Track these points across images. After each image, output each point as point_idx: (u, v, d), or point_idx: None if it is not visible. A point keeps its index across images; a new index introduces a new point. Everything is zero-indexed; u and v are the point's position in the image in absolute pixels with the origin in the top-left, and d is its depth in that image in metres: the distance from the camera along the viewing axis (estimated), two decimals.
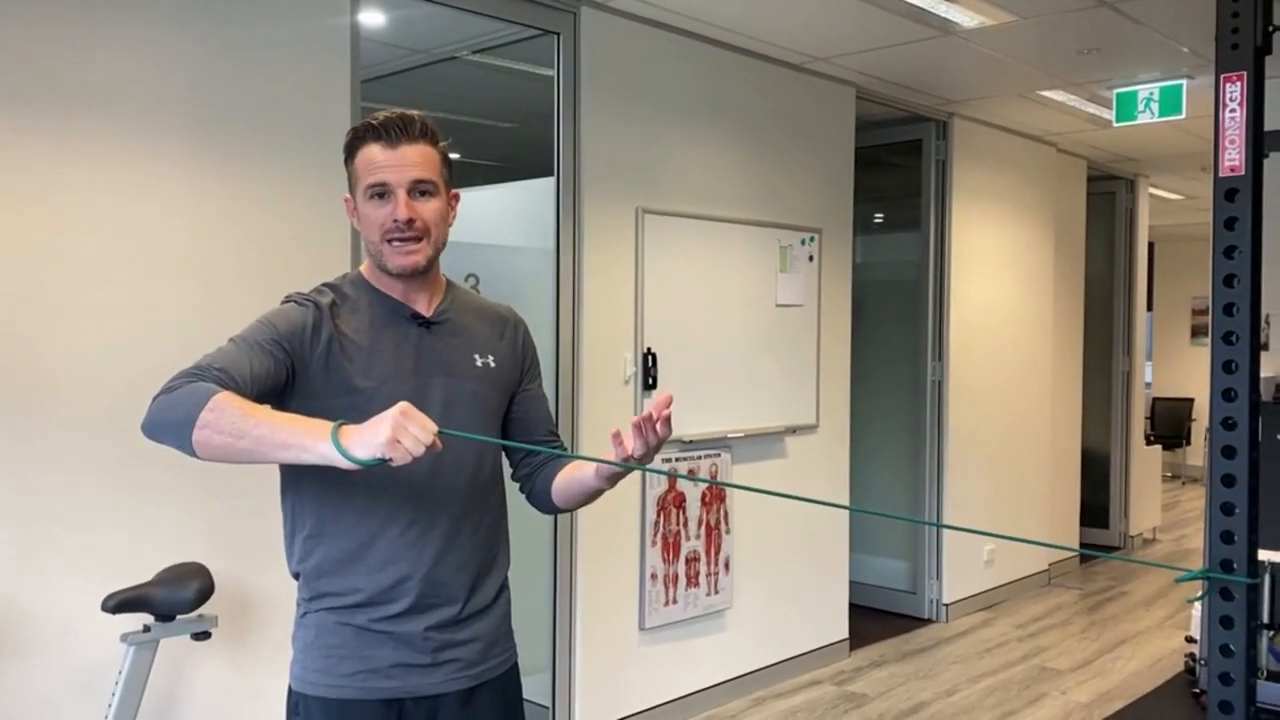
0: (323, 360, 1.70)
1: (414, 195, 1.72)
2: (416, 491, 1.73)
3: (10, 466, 2.60)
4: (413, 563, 1.72)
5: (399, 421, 1.43)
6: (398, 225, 1.71)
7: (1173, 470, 11.47)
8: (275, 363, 1.65)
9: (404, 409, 1.44)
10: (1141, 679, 4.90)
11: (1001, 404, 6.25)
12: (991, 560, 6.18)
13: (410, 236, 1.72)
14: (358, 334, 1.74)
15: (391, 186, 1.71)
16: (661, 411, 1.65)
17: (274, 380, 1.65)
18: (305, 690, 1.75)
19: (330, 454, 1.44)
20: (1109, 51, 4.62)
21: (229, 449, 1.48)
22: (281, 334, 1.68)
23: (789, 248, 4.74)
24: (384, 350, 1.75)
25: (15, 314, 2.61)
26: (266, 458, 1.49)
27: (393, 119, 1.73)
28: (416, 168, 1.72)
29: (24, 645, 2.63)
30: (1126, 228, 7.79)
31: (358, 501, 1.72)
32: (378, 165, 1.71)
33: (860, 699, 4.62)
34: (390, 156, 1.71)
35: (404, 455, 1.42)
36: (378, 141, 1.72)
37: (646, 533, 4.17)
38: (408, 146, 1.72)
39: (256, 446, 1.47)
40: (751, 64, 4.57)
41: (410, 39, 4.20)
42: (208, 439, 1.48)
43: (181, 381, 1.55)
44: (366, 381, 1.72)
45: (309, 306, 1.73)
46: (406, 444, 1.42)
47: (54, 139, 2.65)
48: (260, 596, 3.03)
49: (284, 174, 3.07)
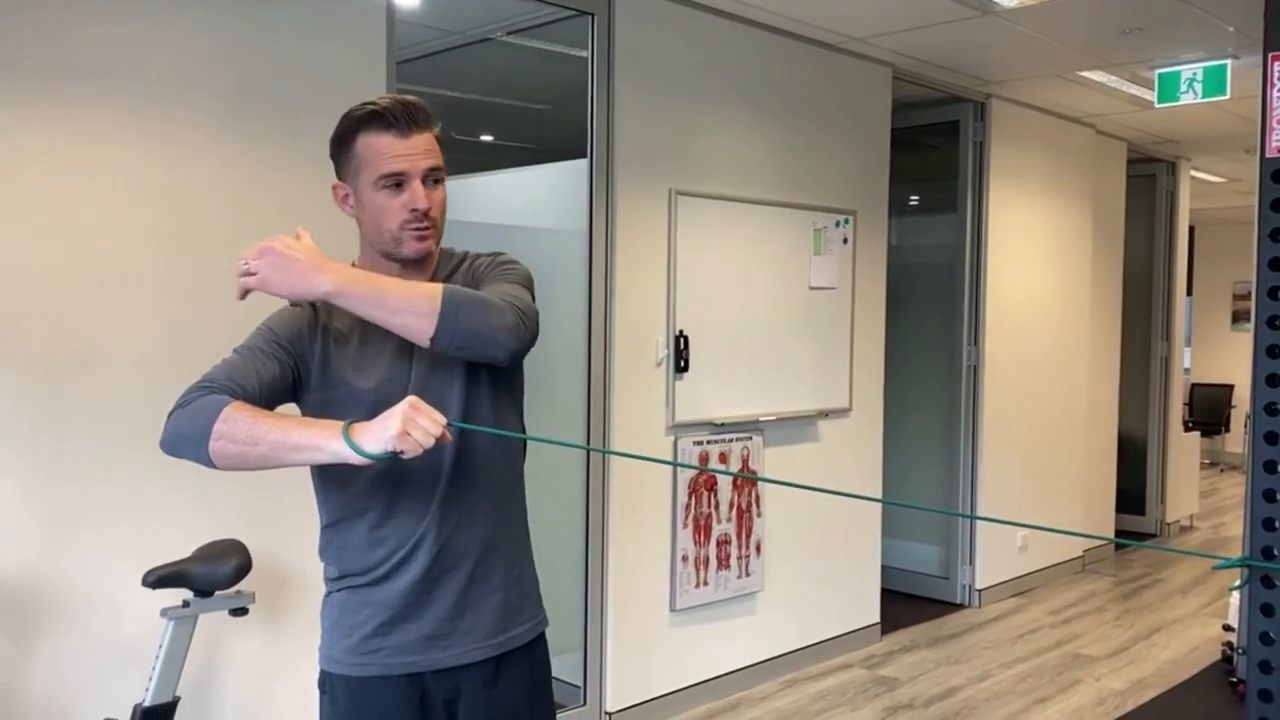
0: (320, 355, 1.74)
1: (427, 183, 1.73)
2: (416, 476, 1.73)
3: (53, 443, 2.64)
4: (416, 536, 1.73)
5: (408, 415, 1.48)
6: (417, 214, 1.72)
7: (1211, 457, 11.32)
8: (280, 365, 1.69)
9: (413, 402, 1.50)
10: (1177, 667, 4.85)
11: (1037, 389, 6.19)
12: (1025, 546, 6.13)
13: (426, 225, 1.74)
14: (349, 328, 1.76)
15: (410, 175, 1.71)
16: None
17: (282, 384, 1.70)
18: (331, 669, 1.78)
19: (343, 451, 1.50)
20: (1151, 30, 4.54)
21: (245, 457, 1.54)
22: (281, 337, 1.72)
23: (823, 230, 4.71)
24: (370, 336, 1.75)
25: (55, 288, 2.64)
26: (282, 461, 1.55)
27: (401, 106, 1.71)
28: (429, 155, 1.73)
29: (67, 619, 2.68)
30: (1167, 211, 7.67)
31: (360, 489, 1.74)
32: (394, 154, 1.70)
33: (891, 683, 4.61)
34: (406, 145, 1.71)
35: (414, 447, 1.48)
36: (390, 129, 1.70)
37: (678, 515, 4.17)
38: (418, 135, 1.72)
39: (271, 451, 1.53)
40: (787, 44, 4.54)
41: (445, 20, 4.20)
42: (223, 449, 1.54)
43: (193, 396, 1.60)
44: (357, 373, 1.73)
45: (304, 306, 1.76)
46: (416, 436, 1.48)
47: (93, 117, 2.68)
48: (297, 573, 3.06)
49: (318, 153, 3.08)
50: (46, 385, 2.64)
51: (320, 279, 1.61)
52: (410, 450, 1.48)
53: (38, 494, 2.63)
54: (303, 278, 1.62)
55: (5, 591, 2.60)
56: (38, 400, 2.62)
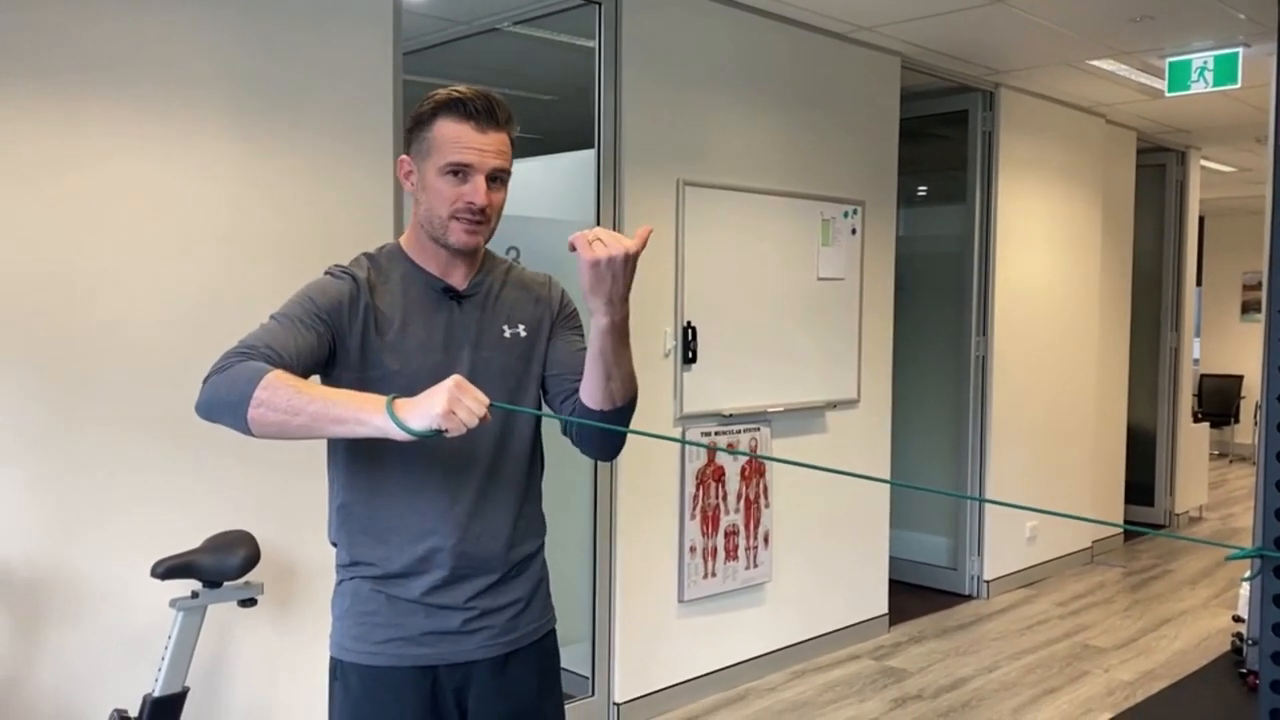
0: (359, 334, 1.73)
1: (491, 183, 1.74)
2: (444, 462, 1.74)
3: (62, 435, 2.65)
4: (443, 534, 1.73)
5: (454, 394, 1.46)
6: (470, 208, 1.72)
7: (1220, 448, 11.29)
8: (318, 337, 1.68)
9: (458, 382, 1.48)
10: (1187, 658, 4.84)
11: (1046, 380, 6.17)
12: (1034, 537, 6.12)
13: (479, 220, 1.74)
14: (390, 308, 1.76)
15: (475, 170, 1.72)
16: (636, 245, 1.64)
17: (318, 355, 1.68)
18: (342, 657, 1.78)
19: (387, 426, 1.47)
20: (1162, 19, 4.51)
21: (285, 426, 1.51)
22: (321, 307, 1.70)
23: (831, 221, 4.70)
24: (414, 324, 1.76)
25: (66, 282, 2.65)
26: (322, 432, 1.52)
27: (484, 100, 1.73)
28: (500, 156, 1.74)
29: (77, 610, 2.69)
30: (1177, 201, 7.64)
31: (385, 471, 1.74)
32: (466, 144, 1.71)
33: (900, 674, 4.61)
34: (480, 140, 1.71)
35: (459, 426, 1.45)
36: (468, 120, 1.71)
37: (686, 506, 4.17)
38: (495, 133, 1.73)
39: (312, 422, 1.50)
40: (795, 34, 4.52)
41: (451, 10, 4.19)
42: (263, 417, 1.51)
43: (232, 361, 1.57)
44: (395, 355, 1.73)
45: (346, 279, 1.75)
46: (461, 415, 1.45)
47: (101, 110, 2.68)
48: (305, 564, 3.07)
49: (325, 145, 3.08)
50: (56, 379, 2.64)
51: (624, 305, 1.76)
52: (455, 429, 1.45)
53: (47, 486, 2.64)
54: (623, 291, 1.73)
55: (15, 583, 2.61)
56: (47, 393, 2.63)
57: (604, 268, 1.64)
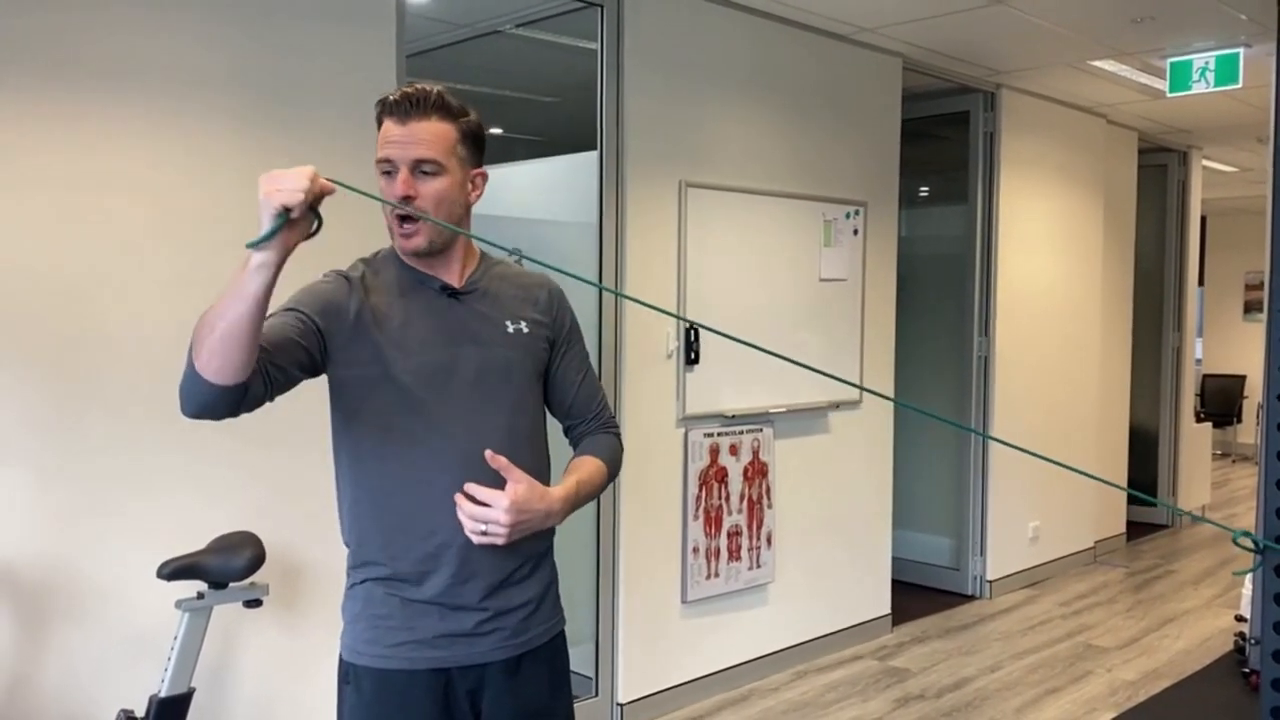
0: (352, 330, 1.73)
1: (415, 174, 1.70)
2: (449, 457, 1.74)
3: (67, 436, 2.66)
4: (451, 530, 1.71)
5: (266, 183, 1.46)
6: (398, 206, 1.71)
7: (1223, 448, 11.28)
8: (304, 327, 1.69)
9: (269, 174, 1.48)
10: (1189, 658, 4.84)
11: (1048, 380, 6.17)
12: (1036, 537, 6.13)
13: (408, 218, 1.71)
14: (389, 306, 1.76)
15: (396, 163, 1.70)
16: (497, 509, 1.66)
17: (303, 346, 1.68)
18: (355, 660, 1.78)
19: (255, 256, 1.47)
20: (1163, 19, 4.52)
21: (222, 342, 1.48)
22: (304, 304, 1.72)
23: (833, 221, 4.71)
24: (414, 321, 1.77)
25: (73, 284, 2.66)
26: (242, 316, 1.48)
27: (408, 94, 1.70)
28: (421, 145, 1.69)
29: (82, 610, 2.70)
30: (1178, 201, 7.64)
31: (391, 467, 1.75)
32: (388, 140, 1.71)
33: (903, 674, 4.61)
34: (400, 133, 1.69)
35: (292, 198, 1.45)
36: (391, 116, 1.71)
37: (688, 506, 4.18)
38: (418, 123, 1.69)
39: (225, 314, 1.48)
40: (797, 35, 4.53)
41: (454, 13, 4.21)
42: (200, 353, 1.50)
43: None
44: (397, 351, 1.74)
45: (338, 280, 1.78)
46: (285, 192, 1.45)
47: (108, 116, 2.69)
48: (310, 566, 3.08)
49: (329, 148, 3.09)
50: (62, 379, 2.65)
51: (557, 515, 1.77)
52: (292, 202, 1.45)
53: (53, 487, 2.65)
54: (546, 519, 1.74)
55: (22, 583, 2.62)
56: (54, 395, 2.64)
57: (518, 531, 1.69)
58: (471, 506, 1.66)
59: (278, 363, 1.62)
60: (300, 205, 1.46)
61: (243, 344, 1.49)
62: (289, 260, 1.52)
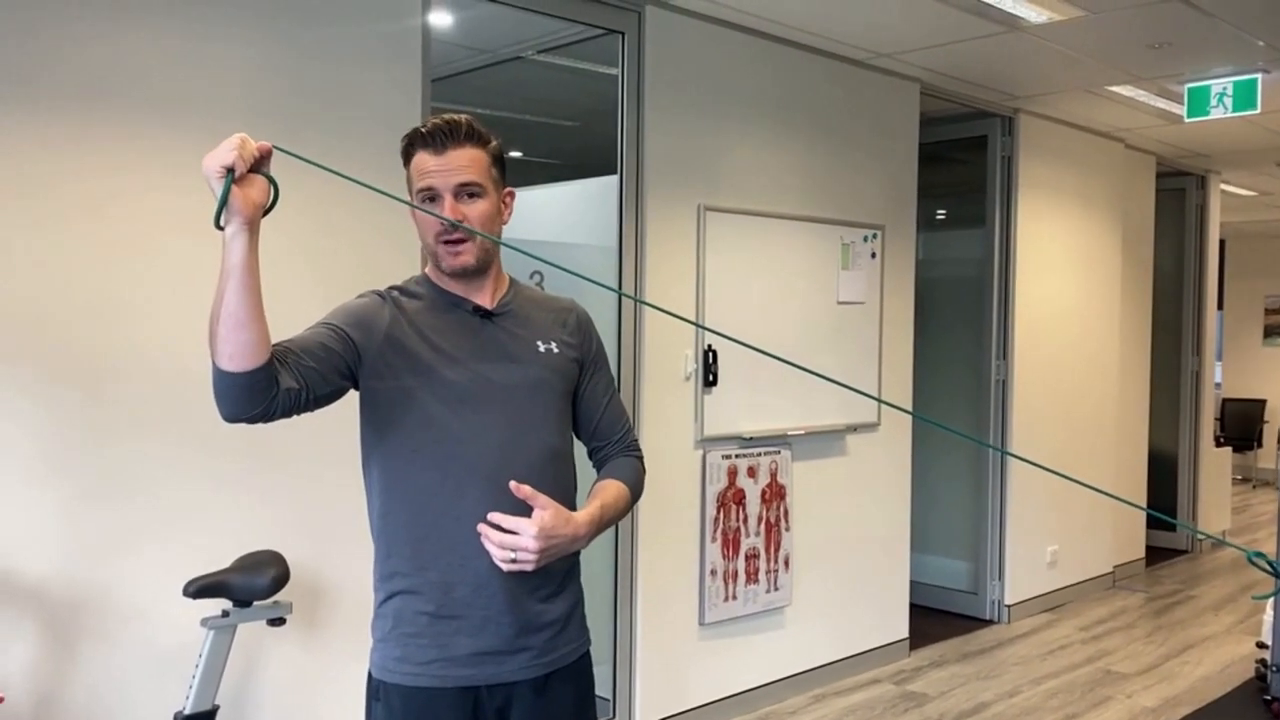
0: (385, 342, 1.78)
1: (460, 198, 1.79)
2: (481, 469, 1.76)
3: (94, 456, 2.70)
4: (479, 544, 1.73)
5: (206, 160, 1.52)
6: (445, 228, 1.78)
7: (1243, 473, 11.20)
8: (338, 338, 1.74)
9: (210, 154, 1.53)
10: (1210, 684, 4.81)
11: (1067, 404, 6.16)
12: (1054, 562, 6.10)
13: (457, 238, 1.79)
14: (423, 324, 1.82)
15: (439, 191, 1.78)
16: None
17: (337, 352, 1.73)
18: (385, 678, 1.80)
19: (226, 231, 1.54)
20: (1180, 45, 4.54)
21: (225, 325, 1.54)
22: (336, 317, 1.79)
23: (851, 245, 4.73)
24: (448, 337, 1.82)
25: (96, 303, 2.71)
26: (234, 290, 1.54)
27: (440, 125, 1.79)
28: (463, 171, 1.78)
29: (109, 627, 2.74)
30: (1197, 225, 7.63)
31: (423, 478, 1.77)
32: (427, 171, 1.79)
33: (920, 698, 4.60)
34: (438, 162, 1.78)
35: (225, 157, 1.51)
36: (426, 148, 1.79)
37: (706, 529, 4.19)
38: (454, 151, 1.78)
39: (221, 297, 1.54)
40: (815, 61, 4.57)
41: (477, 39, 4.27)
42: (214, 348, 1.55)
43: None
44: (431, 362, 1.78)
45: (373, 297, 1.85)
46: (219, 157, 1.51)
47: (135, 135, 2.75)
48: (334, 585, 3.11)
49: (356, 171, 3.13)
50: (88, 398, 2.69)
51: (583, 539, 1.78)
52: (224, 161, 1.51)
53: (79, 506, 2.69)
54: (573, 544, 1.76)
55: (48, 602, 2.66)
56: (79, 416, 2.68)
57: (546, 557, 1.71)
58: (499, 535, 1.69)
59: (310, 364, 1.67)
60: (238, 160, 1.52)
61: (245, 322, 1.54)
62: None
